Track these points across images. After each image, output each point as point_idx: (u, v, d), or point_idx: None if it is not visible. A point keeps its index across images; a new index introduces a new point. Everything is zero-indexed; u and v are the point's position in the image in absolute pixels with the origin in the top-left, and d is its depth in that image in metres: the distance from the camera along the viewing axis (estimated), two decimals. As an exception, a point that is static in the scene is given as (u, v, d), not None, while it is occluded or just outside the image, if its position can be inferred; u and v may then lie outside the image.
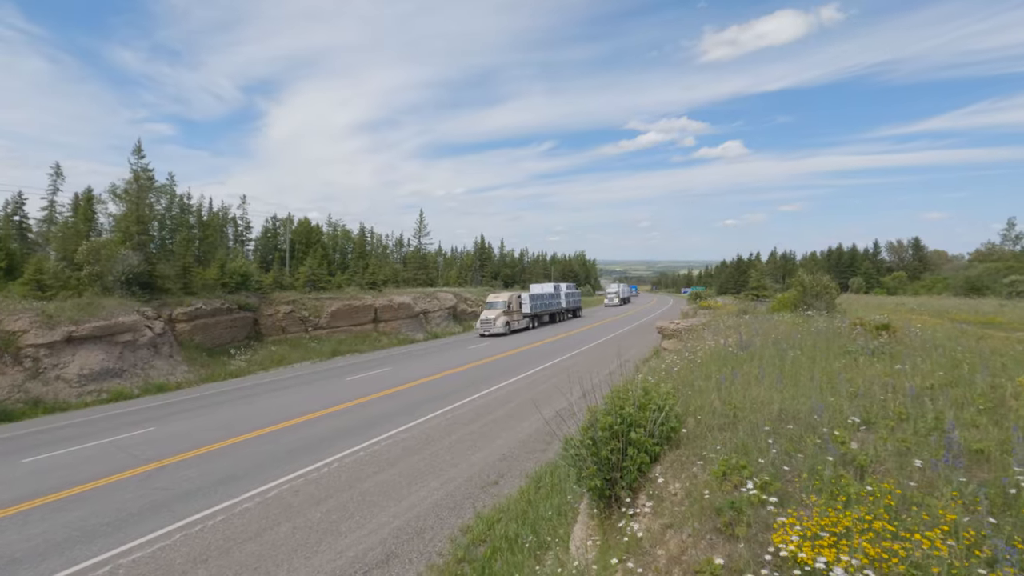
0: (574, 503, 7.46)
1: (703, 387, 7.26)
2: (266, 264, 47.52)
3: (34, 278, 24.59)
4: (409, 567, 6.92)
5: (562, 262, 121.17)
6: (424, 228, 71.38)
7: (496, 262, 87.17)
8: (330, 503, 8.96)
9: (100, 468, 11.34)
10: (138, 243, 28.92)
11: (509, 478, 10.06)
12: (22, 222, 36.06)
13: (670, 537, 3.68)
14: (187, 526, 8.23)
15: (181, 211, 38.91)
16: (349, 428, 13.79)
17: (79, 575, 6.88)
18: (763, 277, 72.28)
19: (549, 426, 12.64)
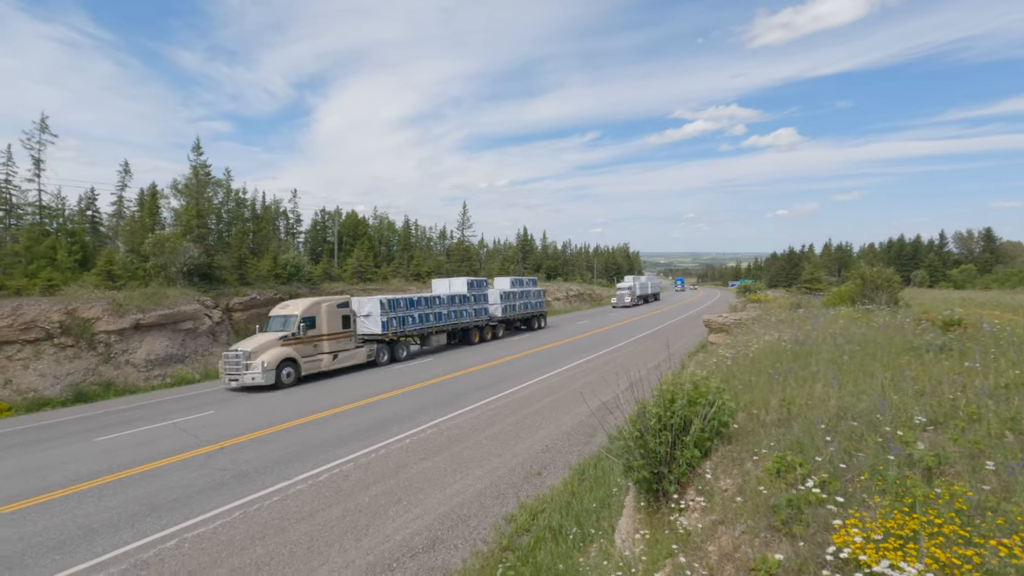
0: (619, 496, 7.40)
1: (755, 382, 7.05)
2: (315, 256, 49.06)
3: (105, 269, 26.23)
4: (454, 553, 7.05)
5: (605, 254, 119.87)
6: (467, 220, 71.95)
7: (538, 254, 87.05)
8: (378, 488, 9.22)
9: (165, 448, 12.04)
10: (198, 236, 30.37)
11: (552, 469, 10.07)
12: (94, 216, 38.46)
13: (722, 533, 3.60)
14: (245, 504, 8.65)
15: (236, 205, 40.62)
16: (395, 416, 14.12)
17: (150, 546, 7.34)
18: (817, 270, 69.39)
19: (593, 419, 12.61)
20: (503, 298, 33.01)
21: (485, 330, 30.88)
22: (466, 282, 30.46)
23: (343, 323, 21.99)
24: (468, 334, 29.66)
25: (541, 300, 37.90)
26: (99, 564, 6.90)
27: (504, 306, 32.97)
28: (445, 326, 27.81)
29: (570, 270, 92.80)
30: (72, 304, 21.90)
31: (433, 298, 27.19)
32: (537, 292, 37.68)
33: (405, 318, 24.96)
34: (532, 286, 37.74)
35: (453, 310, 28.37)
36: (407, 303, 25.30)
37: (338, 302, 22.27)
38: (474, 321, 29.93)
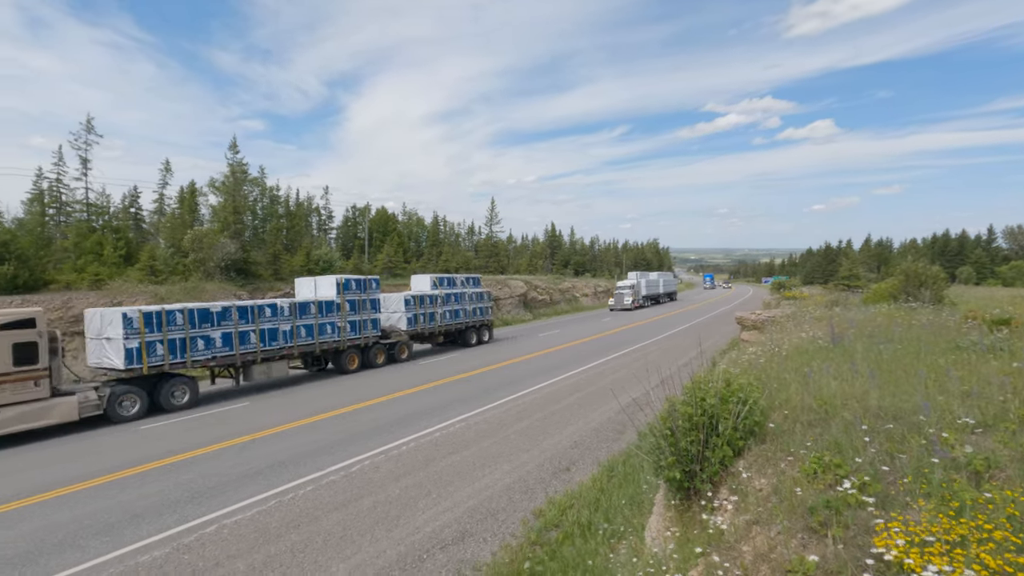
0: (649, 494, 7.35)
1: (790, 381, 6.88)
2: (347, 251, 49.90)
3: (148, 264, 27.24)
4: (484, 546, 7.11)
5: (634, 250, 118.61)
6: (495, 216, 72.10)
7: (566, 250, 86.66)
8: (408, 480, 9.36)
9: (204, 437, 12.46)
10: (234, 232, 31.23)
11: (581, 465, 10.06)
12: (137, 214, 39.93)
13: (756, 533, 3.53)
14: (280, 494, 8.89)
15: (271, 202, 41.61)
16: (425, 409, 14.29)
17: (191, 531, 7.62)
18: (855, 266, 67.22)
19: (622, 416, 12.52)
20: (411, 305, 24.16)
21: (373, 351, 21.55)
22: (336, 282, 20.84)
23: (17, 357, 12.66)
24: (340, 358, 20.51)
25: (485, 305, 28.99)
26: (144, 547, 7.20)
27: (413, 315, 24.15)
28: (282, 349, 18.40)
29: (598, 266, 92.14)
30: (117, 298, 22.81)
31: (262, 307, 18.07)
32: (478, 295, 28.73)
33: (188, 341, 15.87)
34: (471, 286, 29.10)
35: (306, 325, 19.12)
36: (194, 316, 16.12)
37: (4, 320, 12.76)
38: (350, 339, 20.63)
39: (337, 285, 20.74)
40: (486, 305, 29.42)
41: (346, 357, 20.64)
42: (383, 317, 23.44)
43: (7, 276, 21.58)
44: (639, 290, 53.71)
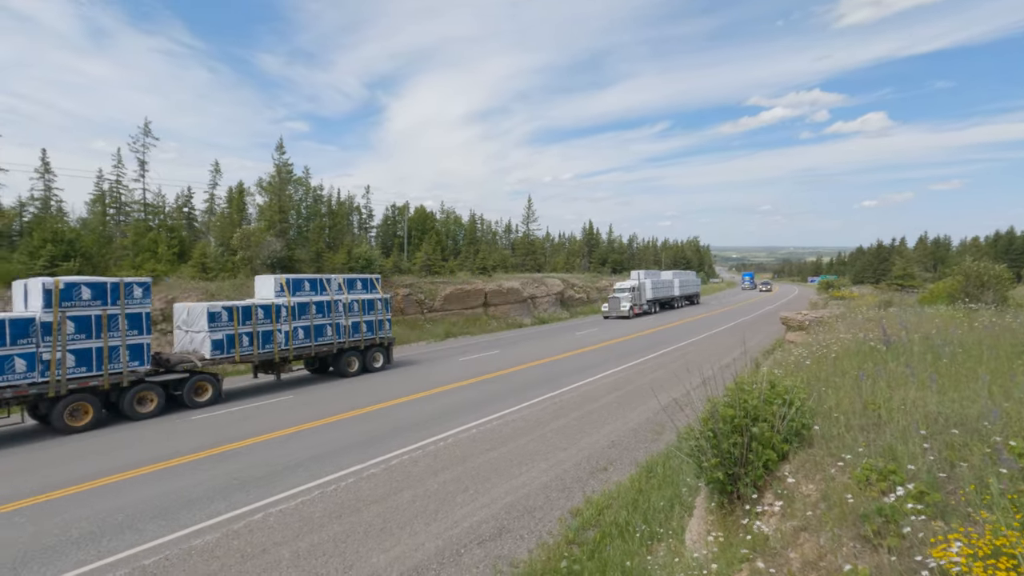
0: (689, 496, 7.21)
1: (839, 384, 6.63)
2: (386, 249, 50.82)
3: (199, 261, 28.43)
4: (520, 543, 7.13)
5: (673, 248, 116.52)
6: (532, 214, 72.04)
7: (604, 248, 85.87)
8: (446, 475, 9.47)
9: (251, 428, 12.93)
10: (280, 230, 32.26)
11: (619, 465, 9.96)
12: (189, 213, 41.73)
13: (804, 540, 3.42)
14: (323, 485, 9.15)
15: (314, 201, 42.76)
16: (463, 406, 14.44)
17: (240, 518, 7.93)
18: (910, 265, 64.19)
19: (661, 416, 12.34)
20: (221, 319, 16.29)
21: (130, 397, 14.06)
22: (43, 289, 12.89)
23: None
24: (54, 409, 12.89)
25: (379, 318, 21.09)
26: (197, 531, 7.53)
27: (225, 336, 16.33)
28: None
29: (636, 264, 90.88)
30: (172, 293, 23.92)
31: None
32: (367, 303, 20.72)
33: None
34: (359, 290, 21.09)
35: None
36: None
37: None
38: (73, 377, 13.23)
39: (46, 294, 12.85)
40: (381, 318, 21.12)
41: (62, 409, 12.86)
42: (179, 339, 17.40)
43: (72, 272, 22.90)
44: (642, 292, 44.85)
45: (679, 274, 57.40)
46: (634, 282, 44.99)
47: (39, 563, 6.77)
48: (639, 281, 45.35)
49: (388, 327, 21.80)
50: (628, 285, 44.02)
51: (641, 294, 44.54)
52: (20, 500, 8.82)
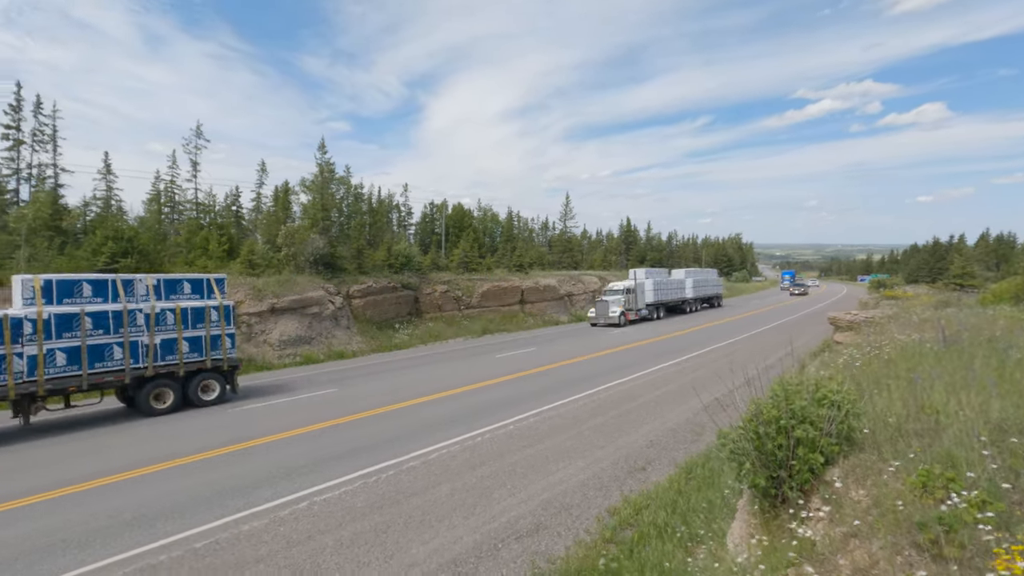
0: (731, 499, 7.06)
1: (891, 387, 6.36)
2: (424, 247, 51.52)
3: (247, 258, 29.49)
4: (558, 540, 7.13)
5: (714, 245, 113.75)
6: (569, 211, 71.72)
7: (642, 245, 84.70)
8: (484, 470, 9.56)
9: (296, 419, 13.36)
10: (322, 228, 33.12)
11: (657, 465, 9.83)
12: (238, 212, 43.32)
13: (855, 547, 3.31)
14: (365, 476, 9.38)
15: (355, 199, 43.71)
16: (499, 402, 14.53)
17: (285, 505, 8.22)
18: (970, 263, 60.83)
19: (700, 416, 12.12)
20: None
21: None
22: None
23: None
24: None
25: (210, 333, 15.54)
26: (245, 517, 7.85)
27: None
28: None
29: (675, 262, 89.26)
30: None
31: None
32: (194, 313, 15.33)
33: None
34: (193, 296, 15.73)
35: None
36: None
37: None
38: None
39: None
40: (218, 333, 15.74)
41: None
42: None
43: (131, 268, 24.14)
44: (639, 295, 37.60)
45: (693, 273, 49.36)
46: (630, 282, 38.14)
47: (99, 544, 7.20)
48: (636, 281, 38.21)
49: (231, 345, 16.07)
50: (622, 286, 37.25)
51: (638, 296, 37.66)
52: (80, 483, 9.40)
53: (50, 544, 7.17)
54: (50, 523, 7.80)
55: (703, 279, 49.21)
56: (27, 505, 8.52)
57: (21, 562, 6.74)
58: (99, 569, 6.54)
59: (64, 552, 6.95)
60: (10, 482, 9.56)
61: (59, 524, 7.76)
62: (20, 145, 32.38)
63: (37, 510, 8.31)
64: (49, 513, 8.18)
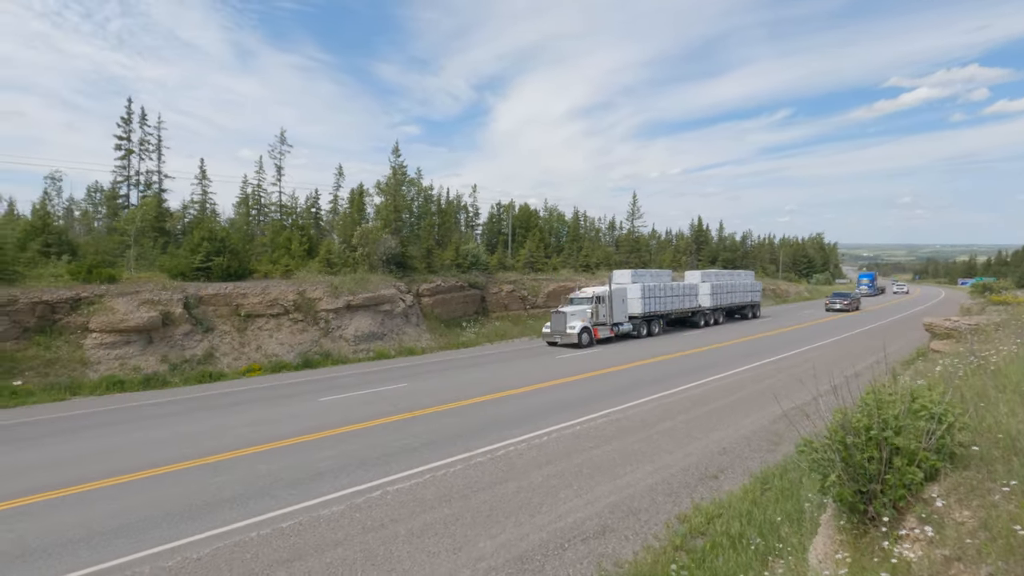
0: (812, 512, 6.67)
1: (999, 399, 5.78)
2: (491, 247, 52.13)
3: (325, 257, 31.04)
4: (625, 544, 7.02)
5: (793, 245, 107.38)
6: (637, 210, 70.21)
7: (714, 245, 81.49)
8: (550, 469, 9.57)
9: (369, 412, 13.94)
10: (394, 228, 34.33)
11: (730, 474, 9.45)
12: (317, 213, 45.63)
13: (959, 572, 3.05)
14: (433, 469, 9.65)
15: (425, 201, 44.94)
16: (566, 402, 14.49)
17: (360, 493, 8.62)
18: (1096, 266, 54.16)
19: (778, 425, 11.54)
20: None
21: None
22: None
23: None
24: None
25: None
26: (324, 502, 8.30)
27: None
28: None
29: (750, 263, 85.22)
30: (302, 286, 26.41)
31: None
32: None
33: None
34: None
35: None
36: None
37: None
38: None
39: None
40: None
41: None
42: None
43: (223, 266, 26.08)
44: (617, 305, 28.44)
45: (712, 275, 37.69)
46: (601, 288, 28.95)
47: (198, 518, 7.84)
48: (612, 287, 28.73)
49: None
50: (590, 292, 28.53)
51: (614, 306, 28.20)
52: (186, 462, 10.28)
53: (150, 517, 7.91)
54: (171, 492, 8.60)
55: (728, 284, 38.51)
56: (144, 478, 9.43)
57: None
58: (196, 542, 7.13)
59: (168, 525, 7.64)
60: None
61: (163, 496, 8.53)
62: (130, 154, 35.77)
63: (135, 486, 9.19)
64: (177, 483, 9.03)
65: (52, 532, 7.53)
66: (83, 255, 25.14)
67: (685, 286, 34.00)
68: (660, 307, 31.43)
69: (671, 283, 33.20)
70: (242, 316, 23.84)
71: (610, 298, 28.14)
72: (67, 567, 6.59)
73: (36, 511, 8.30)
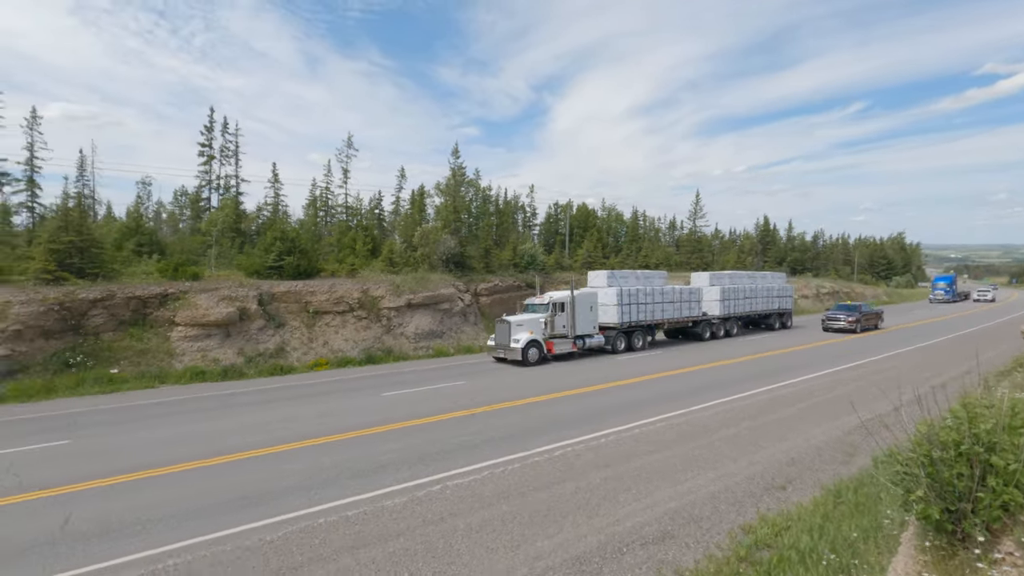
0: (891, 530, 6.27)
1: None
2: (548, 246, 52.11)
3: (387, 257, 32.05)
4: (686, 552, 6.86)
5: (870, 245, 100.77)
6: (699, 210, 68.25)
7: (782, 246, 77.86)
8: (608, 472, 9.48)
9: (428, 408, 14.29)
10: (454, 229, 34.96)
11: (799, 485, 9.02)
12: (380, 214, 47.21)
13: (1065, 602, 2.79)
14: (492, 467, 9.78)
15: (483, 201, 45.50)
16: (623, 405, 14.29)
17: (421, 487, 8.86)
18: None
19: (853, 436, 10.91)
20: None
21: None
22: None
23: None
24: None
25: None
26: (387, 493, 8.59)
27: None
28: None
29: (821, 264, 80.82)
30: (366, 285, 27.41)
31: None
32: None
33: None
34: None
35: None
36: None
37: None
38: None
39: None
40: None
41: None
42: None
43: (293, 265, 27.47)
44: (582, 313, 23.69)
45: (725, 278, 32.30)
46: (562, 294, 24.33)
47: (269, 503, 8.32)
48: (572, 292, 23.44)
49: None
50: (547, 299, 23.57)
51: (577, 315, 23.34)
52: (258, 449, 10.92)
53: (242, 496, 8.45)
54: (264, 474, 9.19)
55: (747, 288, 32.60)
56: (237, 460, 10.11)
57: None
58: (269, 525, 7.57)
59: (242, 508, 8.15)
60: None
61: (239, 481, 9.11)
62: (212, 160, 38.31)
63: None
64: (251, 469, 9.65)
65: (150, 507, 8.22)
66: (170, 254, 27.21)
67: (684, 291, 29.08)
68: (646, 316, 26.48)
69: (665, 287, 28.23)
70: (310, 313, 25.02)
71: (572, 305, 23.17)
72: (156, 542, 7.17)
73: (123, 490, 9.08)
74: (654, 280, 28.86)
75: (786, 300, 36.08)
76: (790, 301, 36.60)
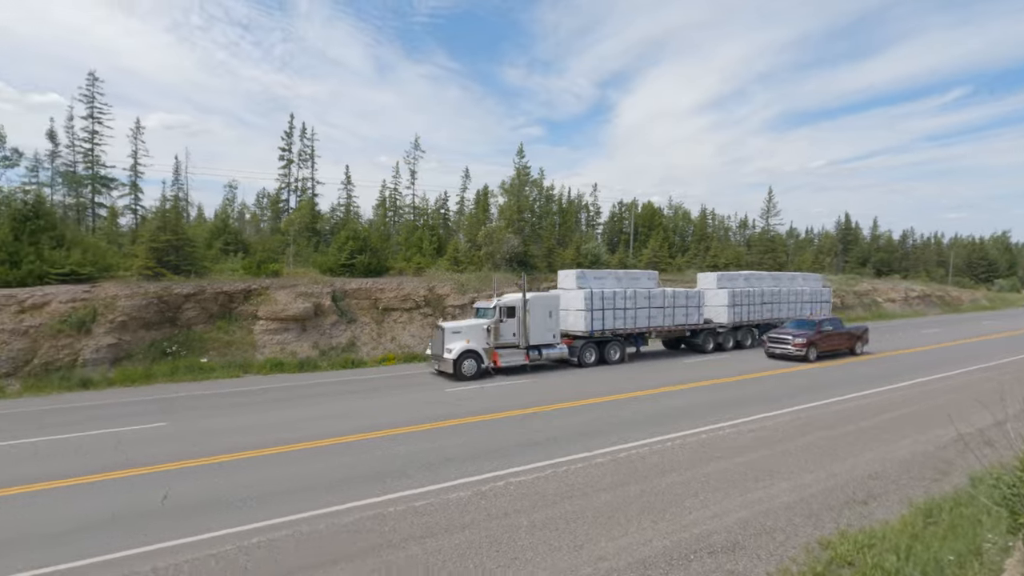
0: (994, 556, 5.76)
1: None
2: (612, 246, 51.40)
3: (452, 256, 32.75)
4: (757, 563, 6.59)
5: (967, 245, 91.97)
6: (773, 207, 64.97)
7: (865, 245, 72.80)
8: (674, 476, 9.26)
9: (492, 405, 14.51)
10: (517, 228, 35.21)
11: (883, 501, 8.44)
12: (445, 214, 48.28)
13: None
14: (555, 465, 9.80)
15: (546, 200, 45.51)
16: (691, 408, 13.92)
17: (485, 482, 9.03)
18: None
19: (947, 452, 10.09)
20: None
21: None
22: None
23: None
24: None
25: None
26: (453, 487, 8.82)
27: None
28: None
29: (911, 265, 74.81)
30: (432, 283, 28.15)
31: None
32: None
33: None
34: None
35: None
36: None
37: None
38: None
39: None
40: None
41: None
42: None
43: (364, 263, 28.64)
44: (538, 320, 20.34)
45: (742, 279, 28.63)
46: (512, 296, 21.04)
47: (343, 490, 8.74)
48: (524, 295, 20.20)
49: None
50: (493, 304, 20.30)
51: (531, 321, 20.16)
52: (334, 438, 11.50)
53: (310, 486, 8.95)
54: (307, 469, 9.73)
55: (766, 292, 27.96)
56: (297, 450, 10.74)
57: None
58: (342, 510, 7.97)
59: (319, 493, 8.62)
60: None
61: (319, 468, 9.64)
62: (291, 164, 40.57)
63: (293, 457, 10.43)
64: (326, 456, 10.23)
65: (236, 488, 8.87)
66: (253, 252, 29.09)
67: (678, 294, 24.53)
68: (624, 323, 22.47)
69: (653, 290, 24.02)
70: (380, 309, 25.99)
71: (524, 309, 19.89)
72: (243, 519, 7.72)
73: (215, 470, 9.83)
74: (640, 281, 25.00)
75: (821, 307, 30.31)
76: (826, 307, 30.69)
